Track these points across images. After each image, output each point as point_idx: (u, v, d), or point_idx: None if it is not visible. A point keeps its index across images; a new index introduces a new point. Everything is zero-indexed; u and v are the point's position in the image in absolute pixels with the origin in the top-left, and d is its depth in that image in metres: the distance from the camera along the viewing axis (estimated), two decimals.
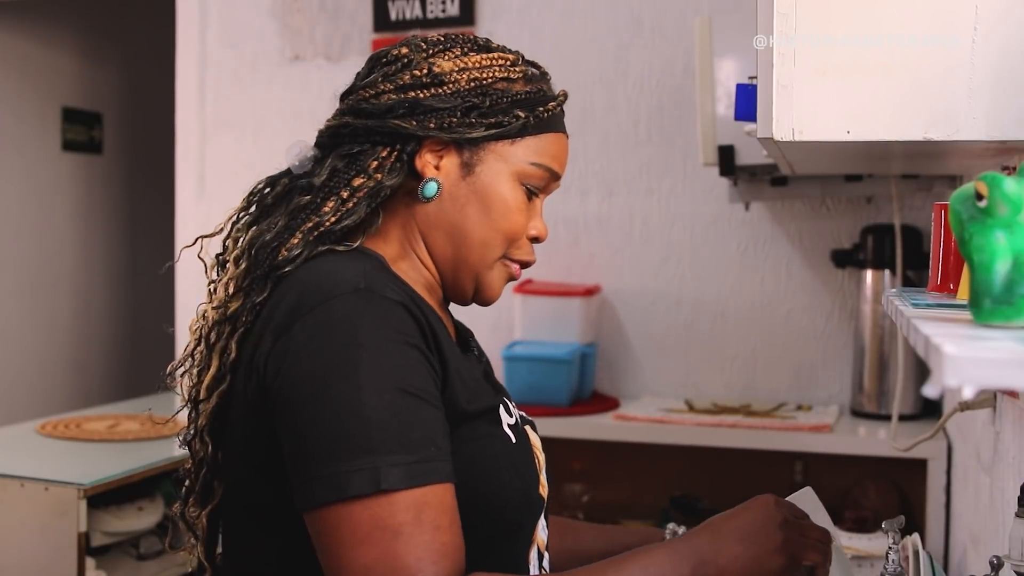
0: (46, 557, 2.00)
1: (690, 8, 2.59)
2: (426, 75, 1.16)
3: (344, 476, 0.97)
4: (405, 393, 1.01)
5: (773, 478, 2.50)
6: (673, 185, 2.67)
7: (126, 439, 2.36)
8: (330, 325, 1.03)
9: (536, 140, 1.18)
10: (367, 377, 1.00)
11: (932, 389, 0.65)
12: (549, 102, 1.19)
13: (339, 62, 2.91)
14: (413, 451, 1.00)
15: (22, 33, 3.84)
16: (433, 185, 1.16)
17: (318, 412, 1.00)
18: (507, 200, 1.17)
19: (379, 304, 1.04)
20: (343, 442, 0.99)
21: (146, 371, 4.52)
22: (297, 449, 1.02)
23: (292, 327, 1.04)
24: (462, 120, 1.15)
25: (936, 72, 1.01)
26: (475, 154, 1.16)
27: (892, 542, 1.19)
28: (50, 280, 4.02)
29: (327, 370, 1.01)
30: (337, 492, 0.98)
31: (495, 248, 1.18)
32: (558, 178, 1.21)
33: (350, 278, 1.06)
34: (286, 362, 1.04)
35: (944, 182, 2.26)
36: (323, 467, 0.99)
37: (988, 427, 1.49)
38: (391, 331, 1.03)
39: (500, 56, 1.19)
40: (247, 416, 1.09)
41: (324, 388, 1.01)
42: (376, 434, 0.99)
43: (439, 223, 1.18)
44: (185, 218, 3.11)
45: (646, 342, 2.70)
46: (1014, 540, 1.07)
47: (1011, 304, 0.73)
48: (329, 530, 0.99)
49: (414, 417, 1.01)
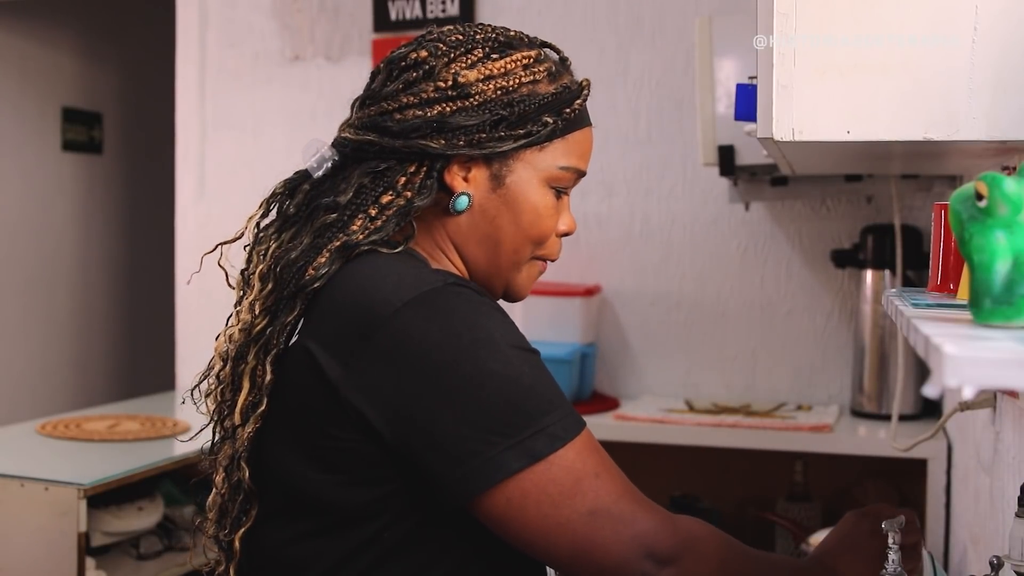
0: (46, 557, 2.00)
1: (690, 8, 2.59)
2: (451, 87, 1.14)
3: (532, 439, 1.01)
4: (534, 358, 1.06)
5: (773, 478, 2.50)
6: (673, 185, 2.67)
7: (126, 439, 2.36)
8: (435, 314, 1.04)
9: (564, 142, 1.18)
10: (506, 347, 1.04)
11: (932, 389, 0.65)
12: (575, 100, 1.18)
13: (339, 62, 2.91)
14: (561, 403, 1.05)
15: (22, 33, 3.84)
16: (464, 199, 1.16)
17: (474, 391, 1.02)
18: (537, 207, 1.17)
19: (468, 295, 1.07)
20: (514, 410, 1.02)
21: (146, 371, 4.54)
22: (457, 437, 1.01)
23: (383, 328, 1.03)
24: (491, 135, 1.14)
25: (936, 72, 1.01)
26: (504, 164, 1.16)
27: (892, 542, 1.19)
28: (50, 280, 4.02)
29: (462, 350, 1.03)
30: (531, 456, 1.01)
31: (526, 253, 1.20)
32: (583, 174, 1.22)
33: (424, 276, 1.07)
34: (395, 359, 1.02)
35: (944, 182, 2.26)
36: (506, 438, 1.01)
37: (988, 427, 1.49)
38: (488, 311, 1.07)
39: (523, 56, 1.17)
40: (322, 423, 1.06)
41: (470, 366, 1.02)
42: (541, 396, 1.03)
43: (471, 235, 1.18)
44: (185, 218, 3.11)
45: (646, 342, 2.70)
46: (1014, 540, 1.07)
47: (1011, 304, 0.73)
48: (527, 498, 1.01)
49: (550, 376, 1.07)
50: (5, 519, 2.03)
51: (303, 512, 1.11)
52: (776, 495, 2.47)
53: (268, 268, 1.14)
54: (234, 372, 1.13)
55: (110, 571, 2.18)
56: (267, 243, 1.17)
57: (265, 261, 1.15)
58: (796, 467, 2.44)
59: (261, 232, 1.19)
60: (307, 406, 1.08)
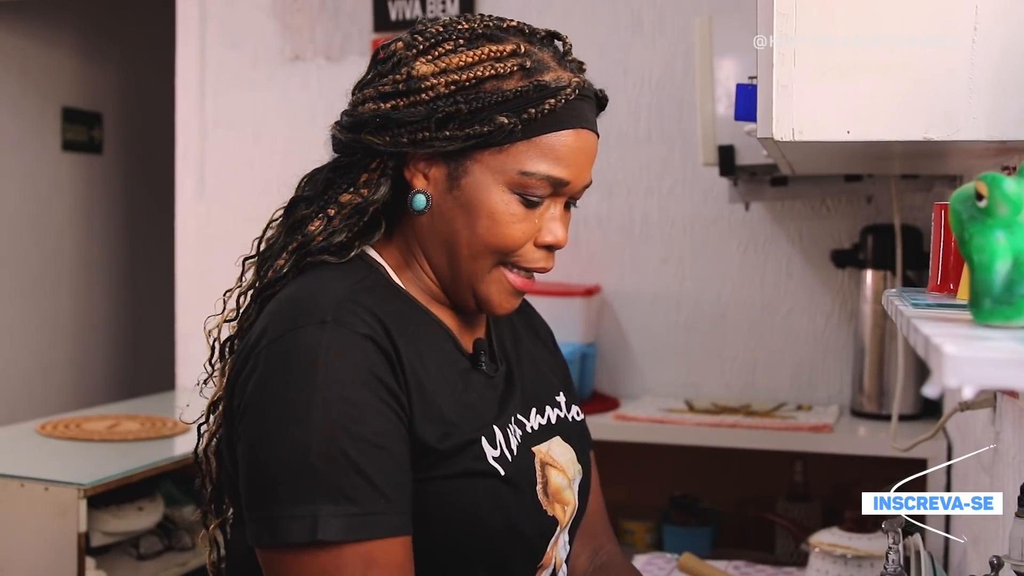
0: (46, 557, 2.00)
1: (690, 8, 2.59)
2: (403, 81, 1.08)
3: (284, 521, 0.96)
4: (359, 440, 0.98)
5: (773, 478, 2.50)
6: (673, 185, 2.67)
7: (126, 439, 2.36)
8: (289, 360, 1.00)
9: (528, 145, 1.07)
10: (319, 421, 0.97)
11: (932, 389, 0.65)
12: (547, 99, 1.06)
13: (339, 62, 2.91)
14: (358, 502, 0.96)
15: (22, 33, 3.84)
16: (421, 198, 1.10)
17: (267, 450, 0.98)
18: (495, 213, 1.08)
19: (343, 340, 1.00)
20: (286, 485, 0.96)
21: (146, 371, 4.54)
22: (246, 482, 1.01)
23: (259, 353, 1.02)
24: (436, 133, 1.07)
25: (936, 72, 1.01)
26: (460, 165, 1.08)
27: (892, 542, 1.19)
28: (50, 280, 4.02)
29: (280, 409, 0.99)
30: (274, 536, 0.96)
31: (484, 261, 1.10)
32: (565, 183, 1.09)
33: (322, 306, 1.03)
34: (247, 392, 1.02)
35: (944, 182, 2.26)
36: (265, 508, 0.97)
37: (988, 427, 1.49)
38: (351, 371, 0.99)
39: (493, 49, 1.08)
40: (229, 429, 1.08)
41: (275, 427, 0.99)
42: (321, 481, 0.96)
43: (432, 236, 1.12)
44: (185, 218, 3.11)
45: (646, 342, 2.70)
46: (1014, 540, 1.07)
47: (1011, 304, 0.73)
48: (271, 572, 0.99)
49: (365, 466, 0.97)
50: (5, 519, 2.03)
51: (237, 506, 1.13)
52: (776, 495, 2.47)
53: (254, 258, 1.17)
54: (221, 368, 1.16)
55: (110, 571, 2.18)
56: (271, 230, 1.18)
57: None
58: (796, 467, 2.44)
59: (274, 218, 1.19)
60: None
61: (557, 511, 1.14)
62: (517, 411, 1.16)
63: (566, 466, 1.18)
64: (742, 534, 2.57)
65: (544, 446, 1.17)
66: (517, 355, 1.24)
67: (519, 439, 1.13)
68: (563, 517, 1.16)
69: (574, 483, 1.19)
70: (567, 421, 1.24)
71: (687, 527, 2.52)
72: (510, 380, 1.19)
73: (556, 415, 1.23)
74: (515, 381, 1.19)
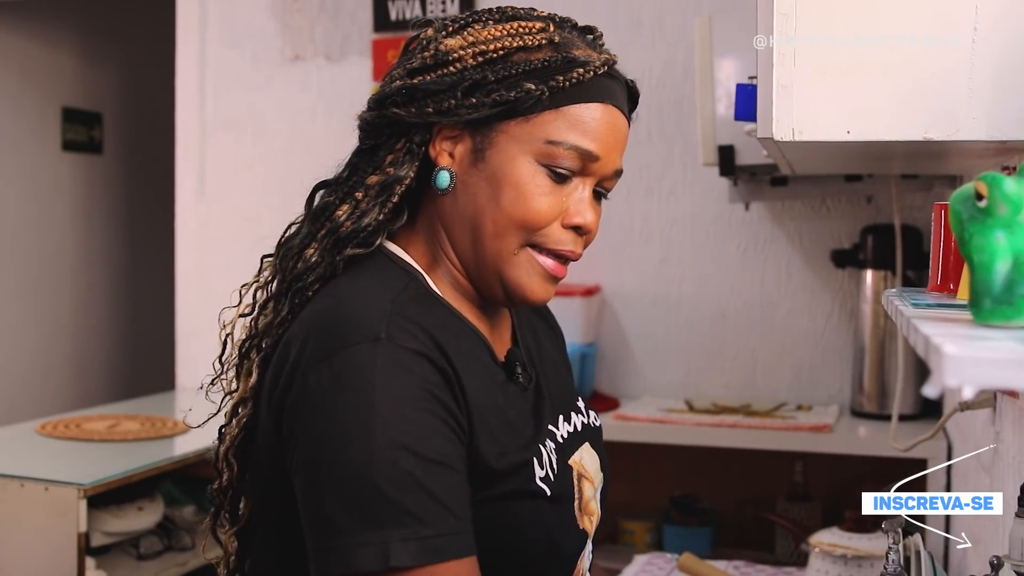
0: (46, 557, 2.00)
1: (690, 8, 2.59)
2: (431, 56, 1.06)
3: (353, 550, 0.92)
4: (422, 459, 0.94)
5: (773, 478, 2.50)
6: (673, 185, 2.67)
7: (126, 439, 2.36)
8: (345, 382, 0.96)
9: (555, 114, 1.04)
10: (380, 442, 0.93)
11: (932, 389, 0.65)
12: (575, 68, 1.04)
13: (339, 62, 2.91)
14: (428, 524, 0.92)
15: (22, 33, 3.84)
16: (445, 175, 1.07)
17: (329, 477, 0.95)
18: (520, 184, 1.04)
19: (399, 358, 0.96)
20: (353, 513, 0.92)
21: (146, 371, 4.53)
22: (309, 511, 0.97)
23: (307, 373, 0.98)
24: (462, 101, 1.04)
25: (936, 72, 1.01)
26: (486, 137, 1.05)
27: (892, 542, 1.19)
28: (50, 280, 4.02)
29: (338, 433, 0.95)
30: (345, 566, 0.92)
31: (510, 239, 1.06)
32: (595, 158, 1.06)
33: (372, 320, 0.98)
34: (301, 415, 0.98)
35: (944, 182, 2.26)
36: (333, 538, 0.93)
37: (988, 427, 1.49)
38: (409, 390, 0.96)
39: (522, 24, 1.07)
40: (269, 440, 1.04)
41: (334, 452, 0.94)
42: (388, 505, 0.92)
43: (456, 216, 1.08)
44: (185, 218, 3.11)
45: (646, 342, 2.70)
46: (1014, 540, 1.07)
47: (1011, 304, 0.73)
48: None
49: (432, 485, 0.94)
50: (5, 519, 2.03)
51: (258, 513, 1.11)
52: (776, 495, 2.47)
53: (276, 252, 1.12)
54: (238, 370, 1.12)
55: (110, 571, 2.18)
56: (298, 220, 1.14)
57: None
58: (796, 467, 2.44)
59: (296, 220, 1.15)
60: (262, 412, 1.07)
61: (586, 523, 1.13)
62: (549, 422, 1.14)
63: (593, 475, 1.17)
64: (742, 534, 2.57)
65: (577, 456, 1.15)
66: (540, 360, 1.22)
67: (555, 452, 1.11)
68: (590, 529, 1.15)
69: (598, 492, 1.18)
70: (590, 427, 1.23)
71: (687, 527, 2.52)
72: (539, 390, 1.16)
73: (581, 421, 1.21)
74: (543, 391, 1.17)
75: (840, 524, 1.81)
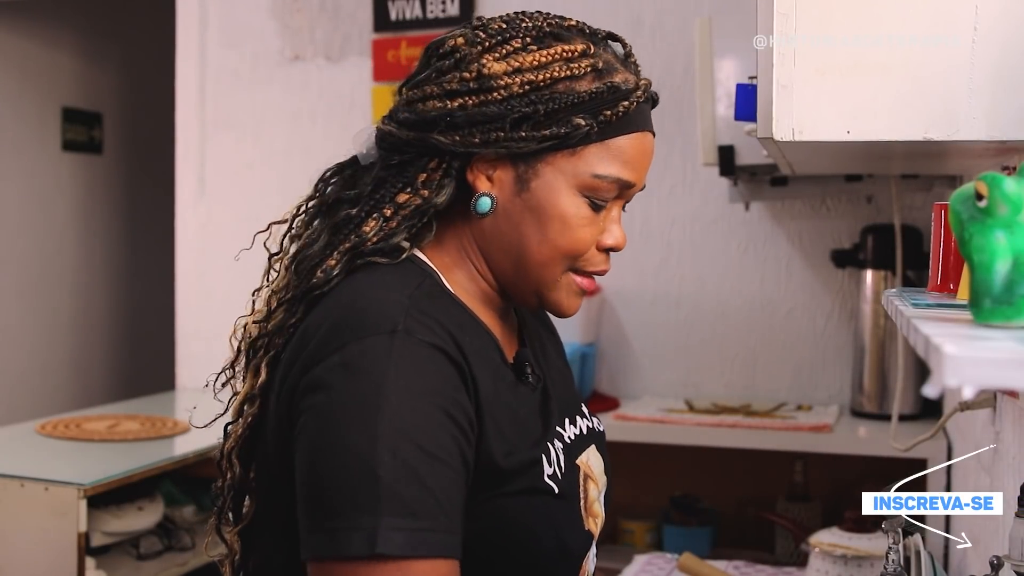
0: (46, 557, 2.00)
1: (690, 8, 2.59)
2: (474, 79, 1.05)
3: (343, 533, 0.92)
4: (424, 453, 0.94)
5: (773, 478, 2.50)
6: (673, 185, 2.67)
7: (126, 439, 2.36)
8: (358, 368, 0.96)
9: (601, 148, 1.06)
10: (385, 430, 0.93)
11: (932, 389, 0.65)
12: (621, 101, 1.06)
13: (339, 62, 2.91)
14: (420, 517, 0.93)
15: (22, 33, 3.84)
16: (486, 201, 1.07)
17: (329, 460, 0.95)
18: (566, 217, 1.06)
19: (414, 350, 0.97)
20: (348, 497, 0.92)
21: (146, 371, 4.53)
22: (304, 493, 0.97)
23: (321, 361, 0.98)
24: (511, 133, 1.04)
25: (936, 72, 1.01)
26: (531, 167, 1.06)
27: (892, 542, 1.19)
28: (50, 280, 4.02)
29: (346, 416, 0.95)
30: (333, 549, 0.92)
31: (556, 267, 1.08)
32: (631, 186, 1.09)
33: (390, 313, 0.99)
34: (311, 398, 0.98)
35: (944, 182, 2.26)
36: (324, 520, 0.93)
37: (988, 427, 1.49)
38: (422, 382, 0.96)
39: (565, 49, 1.06)
40: (279, 435, 1.04)
41: (339, 435, 0.95)
42: (383, 493, 0.91)
43: (496, 240, 1.09)
44: (185, 218, 3.11)
45: (646, 342, 2.70)
46: (1014, 540, 1.07)
47: (1011, 304, 0.73)
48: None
49: (430, 480, 0.94)
50: (5, 519, 2.03)
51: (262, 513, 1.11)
52: (776, 495, 2.47)
53: (291, 260, 1.11)
54: (246, 368, 1.12)
55: (110, 571, 2.18)
56: (301, 229, 1.13)
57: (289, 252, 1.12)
58: (796, 467, 2.44)
59: (299, 215, 1.15)
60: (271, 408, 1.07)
61: (591, 525, 1.13)
62: (556, 423, 1.14)
63: (598, 477, 1.17)
64: (742, 534, 2.57)
65: (584, 457, 1.15)
66: (546, 363, 1.23)
67: (563, 452, 1.11)
68: (595, 530, 1.15)
69: (601, 495, 1.18)
70: (595, 431, 1.23)
71: (687, 527, 2.52)
72: (546, 392, 1.16)
73: (586, 425, 1.21)
74: (550, 392, 1.17)
75: (840, 524, 1.81)
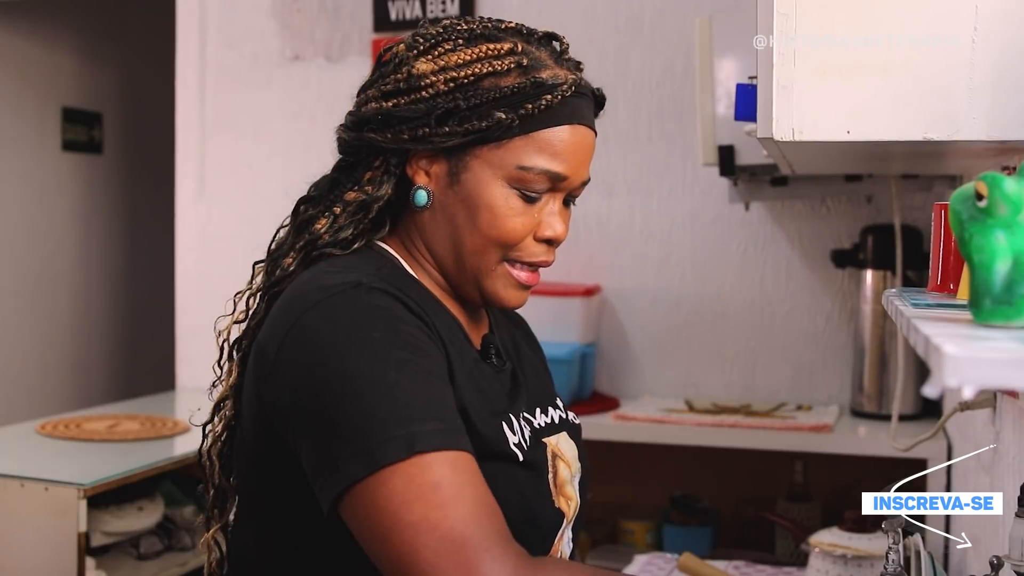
0: (46, 557, 2.00)
1: (690, 8, 2.59)
2: (404, 80, 1.11)
3: (377, 447, 0.94)
4: (424, 368, 1.00)
5: (773, 478, 2.50)
6: (673, 185, 2.67)
7: (126, 439, 2.36)
8: (335, 313, 1.01)
9: (526, 140, 1.10)
10: (386, 352, 0.98)
11: (932, 389, 0.65)
12: (544, 95, 1.09)
13: (339, 62, 2.91)
14: (443, 419, 0.98)
15: (22, 33, 3.84)
16: (423, 194, 1.13)
17: (341, 395, 0.97)
18: (495, 207, 1.10)
19: (382, 296, 1.03)
20: (371, 417, 0.96)
21: (146, 371, 4.53)
22: (321, 440, 0.98)
23: (296, 324, 1.02)
24: (436, 129, 1.09)
25: (936, 72, 1.01)
26: (461, 161, 1.11)
27: (892, 542, 1.19)
28: (50, 280, 4.02)
29: (343, 352, 0.99)
30: (371, 464, 0.94)
31: (488, 256, 1.13)
32: (563, 178, 1.12)
33: (351, 278, 1.04)
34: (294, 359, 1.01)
35: (944, 182, 2.26)
36: (353, 444, 0.95)
37: (988, 427, 1.49)
38: (399, 314, 1.02)
39: (489, 48, 1.11)
40: (256, 424, 1.07)
41: (343, 369, 0.98)
42: (404, 403, 0.96)
43: (435, 232, 1.14)
44: (185, 218, 3.11)
45: (646, 342, 2.70)
46: (1014, 540, 1.07)
47: (1011, 304, 0.73)
48: (367, 505, 0.94)
49: (436, 390, 1.00)
50: (5, 519, 2.03)
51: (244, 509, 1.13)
52: (776, 495, 2.48)
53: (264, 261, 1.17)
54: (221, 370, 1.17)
55: (110, 571, 2.18)
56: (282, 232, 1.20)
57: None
58: (796, 467, 2.44)
59: (284, 223, 1.20)
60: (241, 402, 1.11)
61: (563, 504, 1.15)
62: (524, 408, 1.18)
63: (571, 461, 1.20)
64: (742, 534, 2.57)
65: (553, 439, 1.19)
66: (519, 358, 1.27)
67: (528, 430, 1.15)
68: (568, 511, 1.17)
69: (575, 479, 1.20)
70: (569, 422, 1.26)
71: (687, 527, 2.52)
72: (516, 379, 1.21)
73: (559, 416, 1.25)
74: (520, 381, 1.22)
75: (840, 524, 1.81)
